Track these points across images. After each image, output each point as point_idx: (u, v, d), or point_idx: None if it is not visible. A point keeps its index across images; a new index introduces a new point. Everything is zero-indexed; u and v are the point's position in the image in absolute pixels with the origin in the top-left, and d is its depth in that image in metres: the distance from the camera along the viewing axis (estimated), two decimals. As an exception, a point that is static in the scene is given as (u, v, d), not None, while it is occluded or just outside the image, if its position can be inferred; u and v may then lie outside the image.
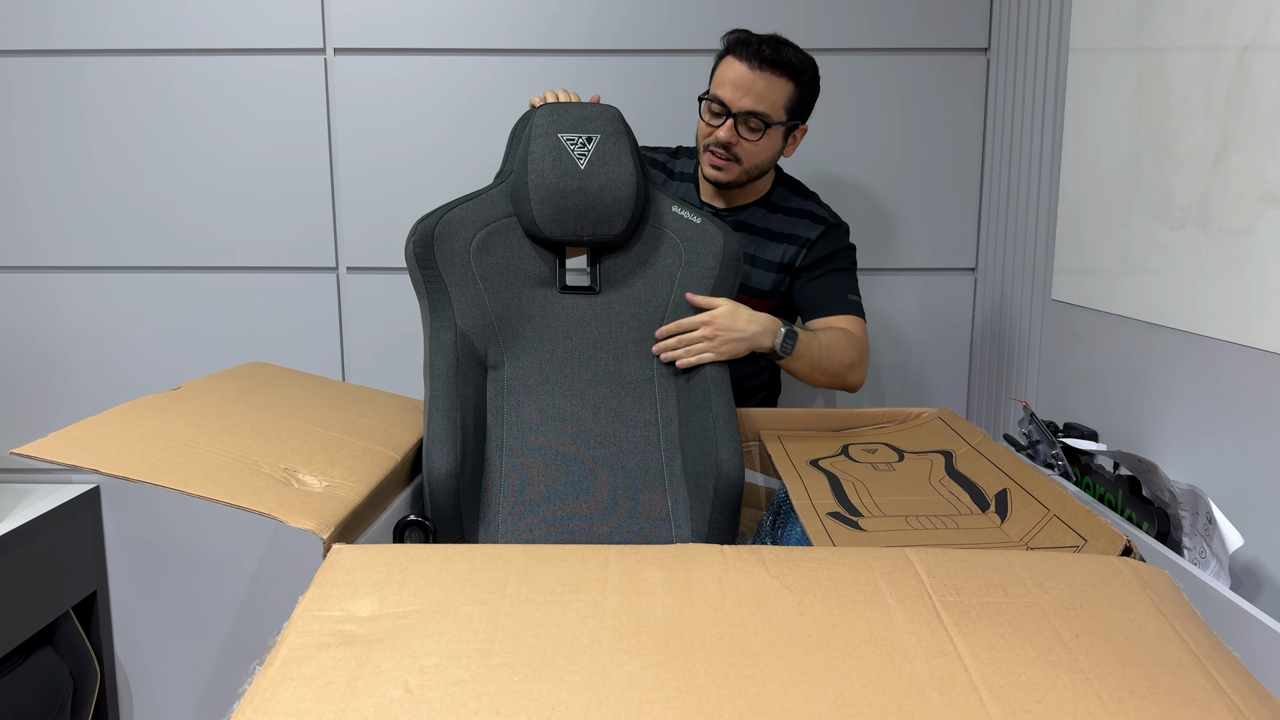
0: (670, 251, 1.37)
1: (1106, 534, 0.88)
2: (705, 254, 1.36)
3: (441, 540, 1.15)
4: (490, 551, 0.77)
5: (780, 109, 1.49)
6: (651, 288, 1.36)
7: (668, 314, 1.35)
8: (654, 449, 1.28)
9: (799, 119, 1.54)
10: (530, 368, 1.30)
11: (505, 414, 1.28)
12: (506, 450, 1.25)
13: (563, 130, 1.32)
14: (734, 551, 0.77)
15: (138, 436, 0.99)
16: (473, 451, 1.20)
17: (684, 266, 1.36)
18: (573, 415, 1.29)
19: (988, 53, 1.89)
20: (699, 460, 1.23)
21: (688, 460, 1.26)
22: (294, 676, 0.61)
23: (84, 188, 1.93)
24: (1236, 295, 1.12)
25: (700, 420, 1.26)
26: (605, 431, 1.28)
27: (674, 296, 1.35)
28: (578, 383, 1.31)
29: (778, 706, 0.59)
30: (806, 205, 1.61)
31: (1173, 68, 1.25)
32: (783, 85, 1.48)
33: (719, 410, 1.25)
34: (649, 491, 1.25)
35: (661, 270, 1.36)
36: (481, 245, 1.31)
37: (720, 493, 1.19)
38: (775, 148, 1.54)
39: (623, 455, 1.27)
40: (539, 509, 1.21)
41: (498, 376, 1.29)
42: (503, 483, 1.23)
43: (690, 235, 1.37)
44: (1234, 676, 0.63)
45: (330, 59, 1.90)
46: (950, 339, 2.00)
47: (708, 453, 1.22)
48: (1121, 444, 1.36)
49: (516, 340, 1.31)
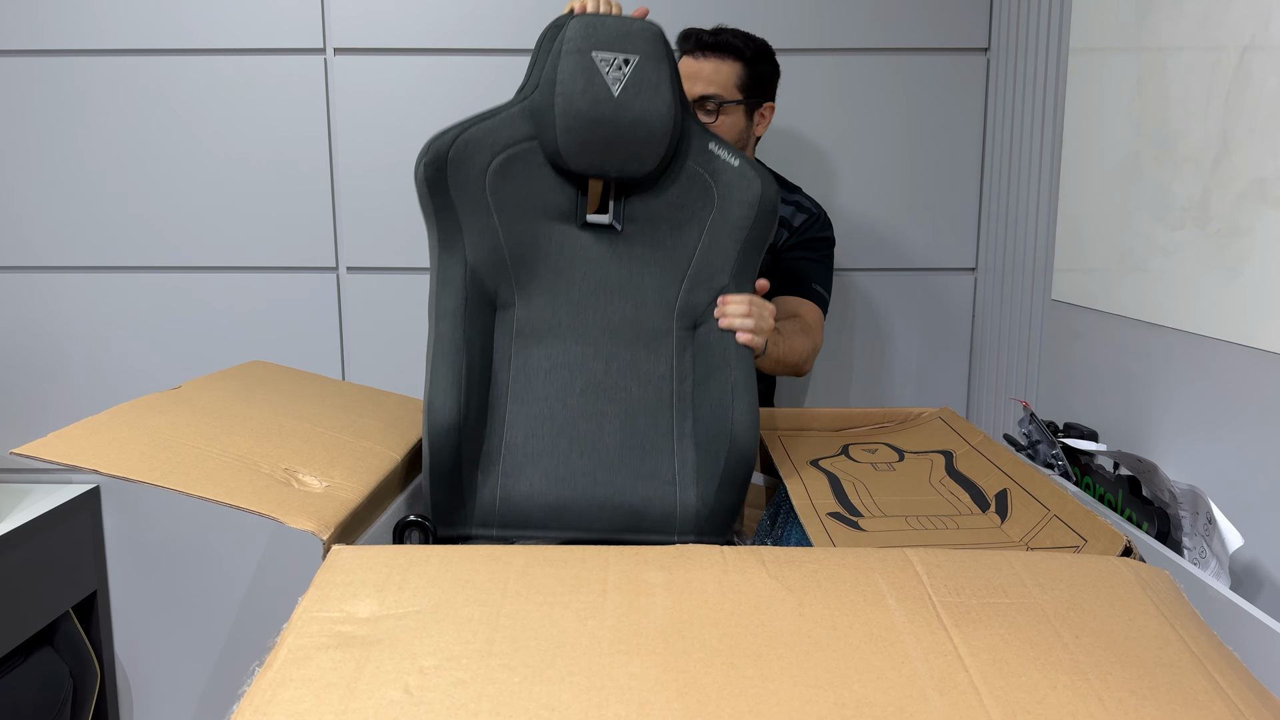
0: (702, 195, 1.26)
1: (1106, 534, 0.88)
2: (740, 202, 1.25)
3: (436, 494, 1.12)
4: (490, 552, 0.77)
5: (731, 88, 1.54)
6: (678, 232, 1.26)
7: (694, 262, 1.25)
8: (666, 408, 1.22)
9: (758, 97, 1.58)
10: (542, 310, 1.22)
11: (513, 359, 1.21)
12: (512, 398, 1.19)
13: (598, 48, 1.20)
14: (734, 552, 0.76)
15: (138, 436, 0.99)
16: (477, 402, 1.15)
17: (715, 213, 1.26)
18: (583, 365, 1.21)
19: (988, 53, 1.89)
20: (712, 426, 1.18)
21: (700, 424, 1.20)
22: (294, 677, 0.61)
23: (84, 188, 1.93)
24: (1236, 295, 1.12)
25: (718, 384, 1.20)
26: (616, 385, 1.21)
27: (703, 244, 1.26)
28: (591, 330, 1.23)
29: (778, 707, 0.59)
30: (792, 196, 1.66)
31: (1173, 68, 1.25)
32: (728, 66, 1.54)
33: (739, 377, 1.19)
34: (656, 453, 1.19)
35: (690, 214, 1.26)
36: (499, 171, 1.22)
37: (731, 464, 1.14)
38: (739, 126, 1.57)
39: (633, 412, 1.20)
40: (541, 462, 1.17)
41: (507, 318, 1.22)
42: (506, 432, 1.17)
43: (726, 178, 1.26)
44: (1234, 676, 0.63)
45: (330, 59, 1.89)
46: (950, 339, 2.00)
47: (722, 419, 1.16)
48: (1121, 444, 1.36)
49: (530, 279, 1.23)
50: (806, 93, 1.92)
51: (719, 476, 1.15)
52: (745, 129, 1.59)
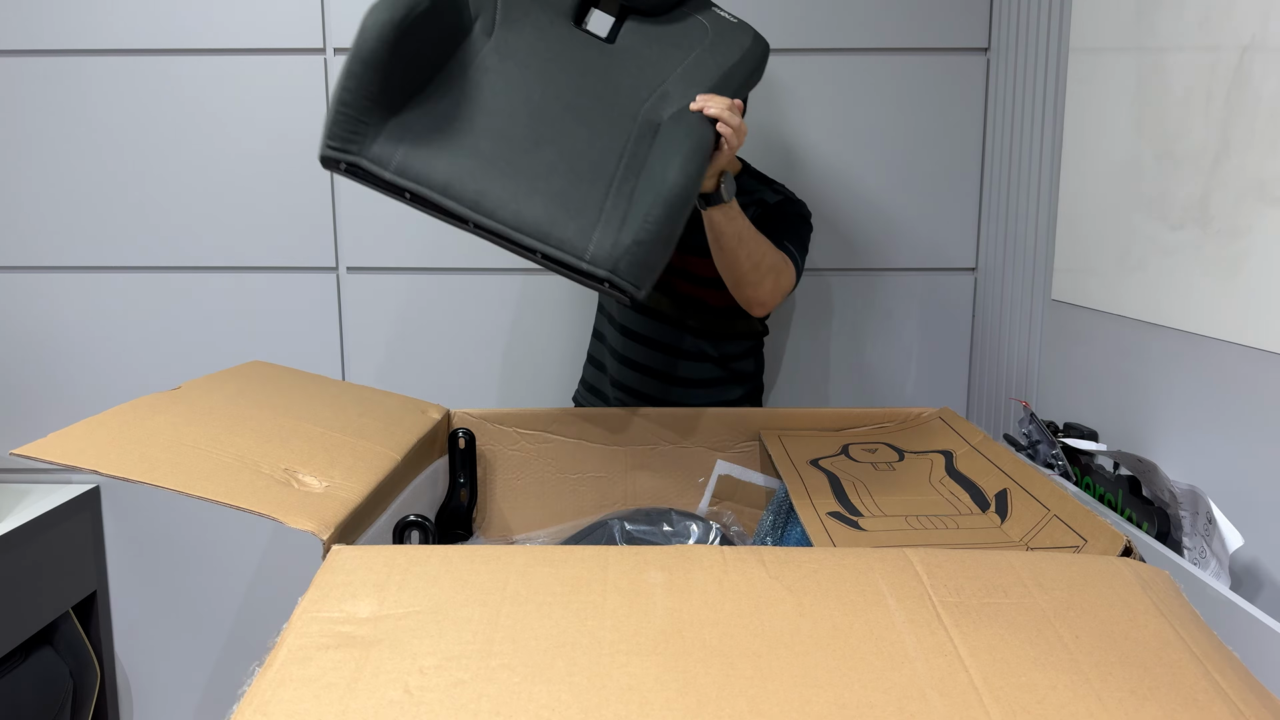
0: (697, 34, 1.30)
1: (1106, 534, 0.88)
2: (730, 44, 1.30)
3: (348, 83, 1.08)
4: (490, 552, 0.77)
5: None
6: (661, 59, 1.27)
7: (669, 80, 1.26)
8: (614, 159, 1.17)
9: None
10: (513, 65, 1.19)
11: (467, 77, 1.16)
12: (462, 76, 1.15)
13: None
14: (734, 552, 0.76)
15: (138, 436, 0.99)
16: (427, 39, 1.11)
17: (701, 49, 1.29)
18: (536, 114, 1.17)
19: (988, 53, 1.89)
20: (648, 178, 1.14)
21: (639, 181, 1.16)
22: (293, 677, 0.61)
23: (84, 188, 1.93)
24: (1236, 295, 1.12)
25: (665, 143, 1.17)
26: (568, 129, 1.17)
27: (684, 66, 1.27)
28: (553, 103, 1.19)
29: (778, 707, 0.59)
30: (768, 185, 1.65)
31: (1173, 68, 1.25)
32: None
33: (690, 145, 1.15)
34: (589, 186, 1.14)
35: (678, 46, 1.28)
36: None
37: (652, 209, 1.10)
38: None
39: (577, 151, 1.16)
40: (474, 130, 1.12)
41: (472, 48, 1.19)
42: (448, 92, 1.13)
43: (721, 28, 1.31)
44: (1234, 676, 0.63)
45: (330, 59, 1.89)
46: (950, 339, 2.00)
47: (659, 172, 1.12)
48: (1121, 444, 1.36)
49: (514, 35, 1.21)
50: (807, 93, 1.92)
51: (639, 218, 1.10)
52: None
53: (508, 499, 1.36)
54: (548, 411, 1.35)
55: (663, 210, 1.10)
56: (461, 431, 1.32)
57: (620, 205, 1.14)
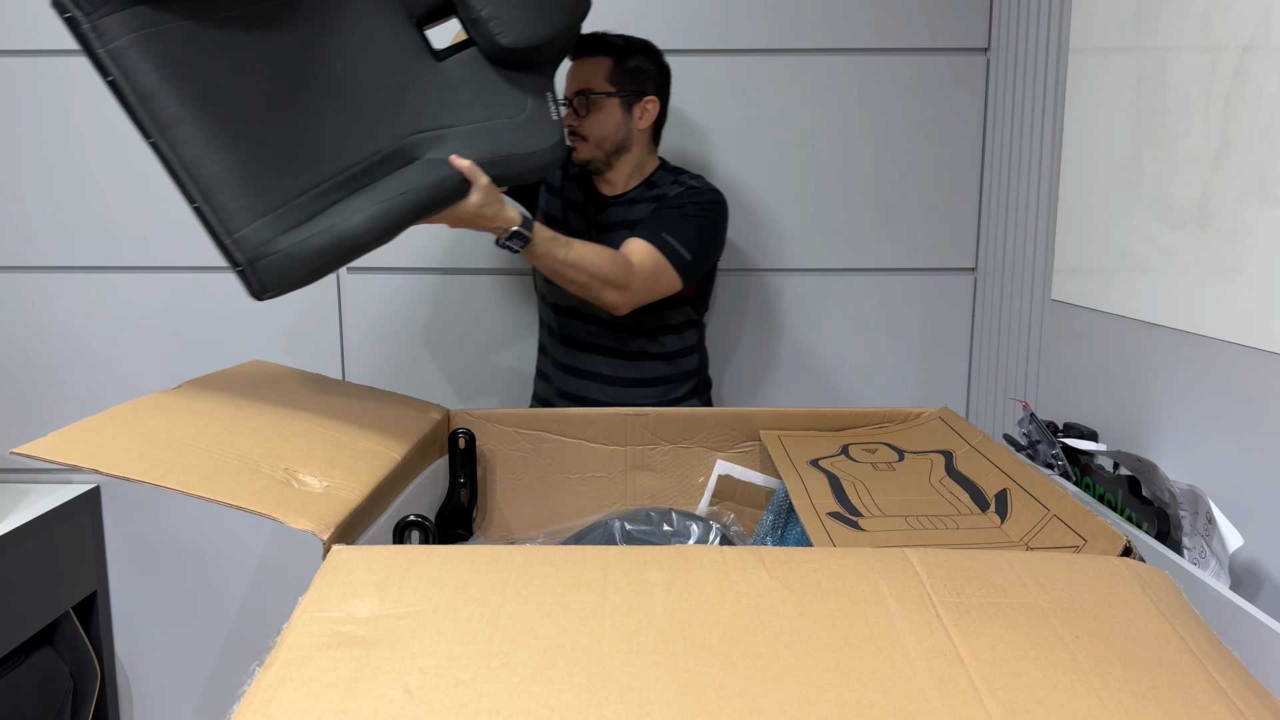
0: (512, 107, 1.31)
1: (1106, 534, 0.87)
2: (530, 136, 1.32)
3: None
4: (490, 552, 0.77)
5: (600, 81, 1.61)
6: (464, 106, 1.28)
7: (449, 131, 1.26)
8: (340, 164, 1.15)
9: (633, 89, 1.62)
10: (311, 24, 1.15)
11: (253, 11, 1.11)
12: None
13: None
14: (734, 552, 0.76)
15: (138, 436, 0.99)
16: None
17: (503, 121, 1.30)
18: (299, 82, 1.13)
19: (988, 53, 1.89)
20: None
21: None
22: (293, 677, 0.61)
23: (84, 188, 1.93)
24: (1236, 295, 1.12)
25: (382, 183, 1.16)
26: (318, 113, 1.15)
27: (474, 126, 1.28)
28: (320, 84, 1.16)
29: (778, 707, 0.59)
30: (678, 178, 1.67)
31: (1173, 68, 1.25)
32: (598, 61, 1.62)
33: (400, 187, 1.16)
34: (295, 175, 1.12)
35: (487, 105, 1.30)
36: None
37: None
38: (615, 119, 1.62)
39: (309, 137, 1.13)
40: (202, 63, 1.07)
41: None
42: None
43: (537, 117, 1.33)
44: (1234, 676, 0.63)
45: (330, 59, 1.89)
46: (950, 339, 2.00)
47: (342, 214, 1.11)
48: (1121, 444, 1.36)
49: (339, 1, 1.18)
50: (807, 93, 1.92)
51: (306, 234, 1.09)
52: (623, 121, 1.63)
53: (508, 499, 1.36)
54: (548, 411, 1.35)
55: (328, 242, 1.10)
56: (461, 431, 1.32)
57: (309, 209, 1.12)
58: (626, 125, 1.64)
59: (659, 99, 1.67)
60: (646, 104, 1.65)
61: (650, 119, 1.66)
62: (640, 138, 1.66)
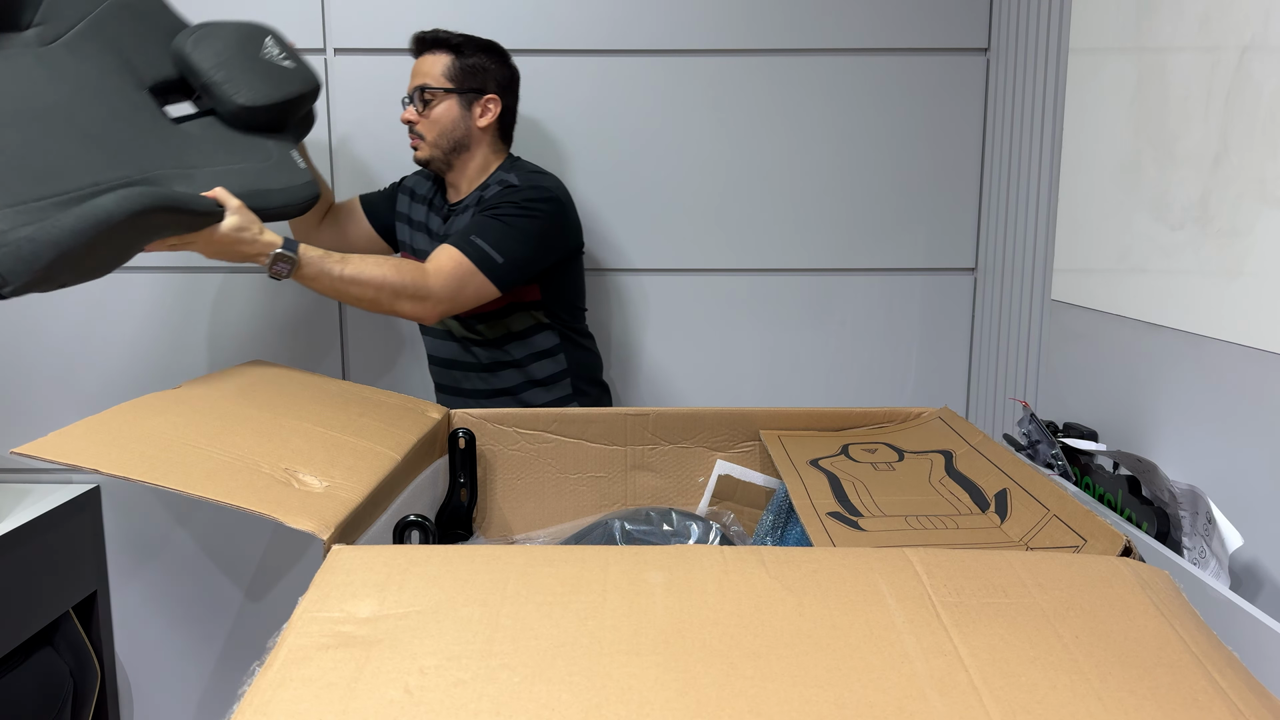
0: (260, 154, 1.39)
1: (1106, 534, 0.88)
2: (280, 176, 1.42)
3: None
4: (490, 552, 0.77)
5: (439, 77, 1.61)
6: (211, 152, 1.36)
7: (199, 170, 1.33)
8: (78, 179, 1.19)
9: (473, 87, 1.62)
10: (46, 72, 1.23)
11: None
12: None
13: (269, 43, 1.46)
14: (734, 552, 0.77)
15: (138, 436, 0.99)
16: None
17: (253, 164, 1.38)
18: (33, 115, 1.20)
19: (988, 53, 1.89)
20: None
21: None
22: (294, 678, 0.61)
23: (84, 188, 1.93)
24: (1236, 295, 1.12)
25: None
26: (51, 141, 1.20)
27: (221, 168, 1.35)
28: (56, 121, 1.22)
29: (778, 707, 0.59)
30: (506, 176, 1.65)
31: (1173, 68, 1.25)
32: (438, 58, 1.62)
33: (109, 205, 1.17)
34: (33, 183, 1.16)
35: (233, 153, 1.37)
36: None
37: None
38: (453, 115, 1.62)
39: (47, 158, 1.19)
40: None
41: (14, 41, 1.24)
42: None
43: (285, 162, 1.42)
44: (1234, 676, 0.63)
45: (330, 59, 1.90)
46: (950, 339, 2.00)
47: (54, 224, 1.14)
48: (1121, 444, 1.36)
49: (71, 57, 1.27)
50: (807, 93, 1.92)
51: (32, 230, 1.13)
52: (461, 118, 1.63)
53: (508, 499, 1.36)
54: (548, 411, 1.35)
55: (71, 226, 1.13)
56: (461, 431, 1.32)
57: (50, 212, 1.15)
58: (465, 123, 1.63)
59: (502, 99, 1.66)
60: (487, 103, 1.64)
61: (492, 118, 1.65)
62: (481, 137, 1.65)
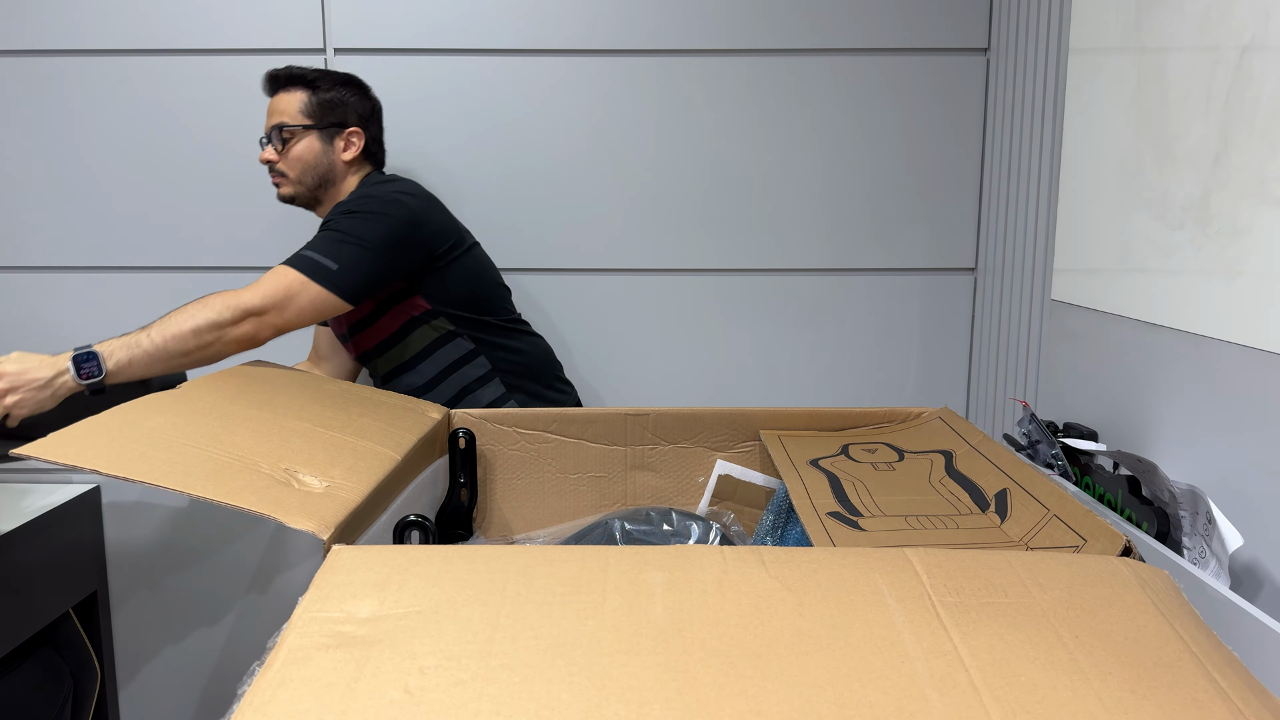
0: None
1: (1106, 534, 0.87)
2: None
3: None
4: (490, 552, 0.77)
5: (296, 114, 1.62)
6: None
7: None
8: None
9: (333, 122, 1.62)
10: None
11: None
12: None
13: None
14: (734, 552, 0.76)
15: (138, 436, 0.99)
16: None
17: None
18: None
19: (987, 53, 1.89)
20: None
21: None
22: (293, 678, 0.61)
23: (84, 188, 1.93)
24: (1236, 295, 1.12)
25: None
26: None
27: None
28: None
29: (778, 707, 0.59)
30: (354, 193, 1.62)
31: (1173, 68, 1.25)
32: (293, 95, 1.62)
33: None
34: None
35: None
36: None
37: None
38: (313, 151, 1.62)
39: None
40: None
41: None
42: None
43: None
44: (1234, 676, 0.63)
45: (330, 59, 1.89)
46: (950, 339, 2.00)
47: None
48: (1121, 444, 1.36)
49: None
50: (807, 93, 1.92)
51: None
52: (323, 153, 1.62)
53: (508, 499, 1.36)
54: (548, 411, 1.35)
55: None
56: (461, 431, 1.32)
57: None
58: (327, 158, 1.63)
59: (365, 131, 1.65)
60: (350, 136, 1.64)
61: (356, 151, 1.64)
62: (347, 171, 1.65)
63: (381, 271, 1.51)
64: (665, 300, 1.99)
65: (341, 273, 1.46)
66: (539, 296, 1.99)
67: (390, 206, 1.53)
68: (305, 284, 1.43)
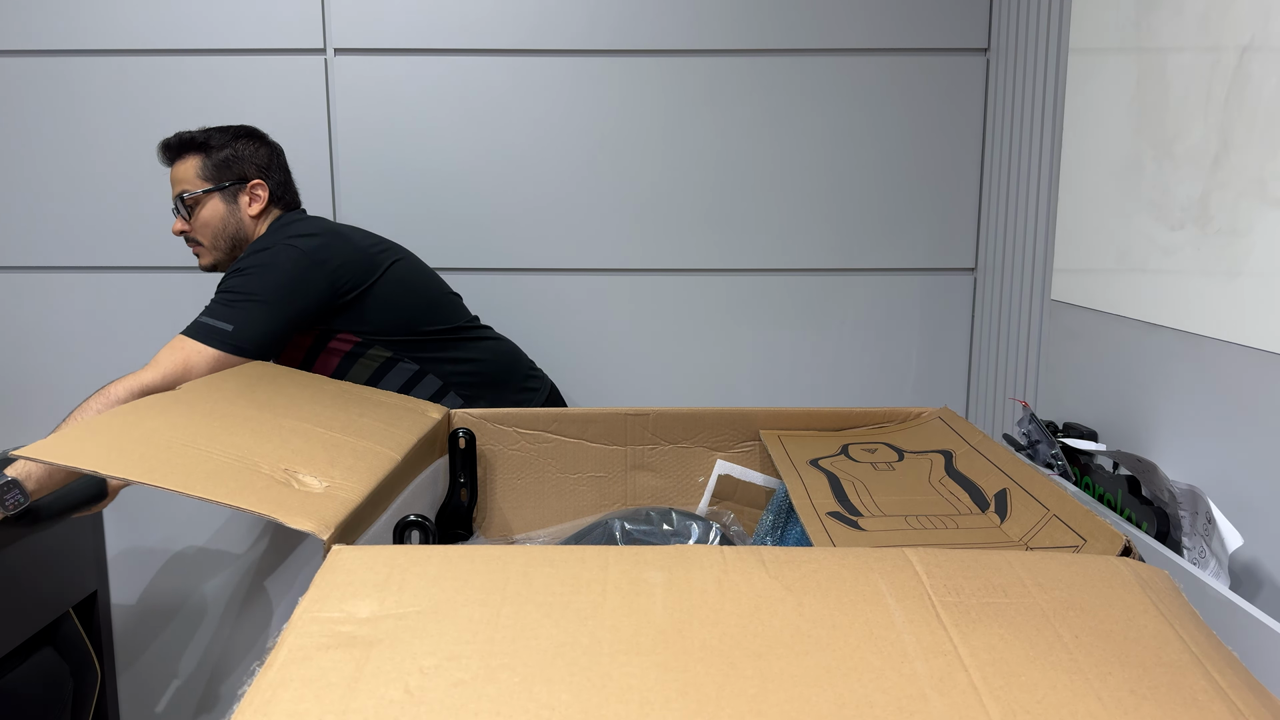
0: None
1: (1106, 534, 0.88)
2: None
3: None
4: (490, 552, 0.77)
5: (195, 180, 1.60)
6: None
7: None
8: None
9: (232, 179, 1.60)
10: None
11: None
12: None
13: None
14: (734, 552, 0.77)
15: (138, 436, 0.99)
16: None
17: None
18: None
19: (987, 53, 1.89)
20: None
21: None
22: (294, 678, 0.61)
23: (84, 188, 1.93)
24: (1235, 295, 1.12)
25: None
26: None
27: None
28: None
29: (778, 707, 0.59)
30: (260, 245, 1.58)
31: (1172, 68, 1.25)
32: (188, 161, 1.60)
33: None
34: None
35: None
36: None
37: None
38: (219, 214, 1.61)
39: None
40: None
41: None
42: None
43: None
44: (1234, 676, 0.63)
45: (330, 59, 1.90)
46: (950, 339, 2.00)
47: None
48: (1121, 444, 1.36)
49: None
50: (807, 93, 1.92)
51: None
52: (229, 214, 1.61)
53: (508, 499, 1.36)
54: (548, 411, 1.35)
55: None
56: (461, 431, 1.32)
57: None
58: (234, 217, 1.61)
59: (267, 180, 1.63)
60: (253, 189, 1.62)
61: (261, 204, 1.62)
62: (256, 225, 1.63)
63: (282, 319, 1.48)
64: (665, 300, 1.99)
65: (237, 333, 1.44)
66: (539, 296, 1.99)
67: (278, 255, 1.50)
68: (201, 350, 1.42)
